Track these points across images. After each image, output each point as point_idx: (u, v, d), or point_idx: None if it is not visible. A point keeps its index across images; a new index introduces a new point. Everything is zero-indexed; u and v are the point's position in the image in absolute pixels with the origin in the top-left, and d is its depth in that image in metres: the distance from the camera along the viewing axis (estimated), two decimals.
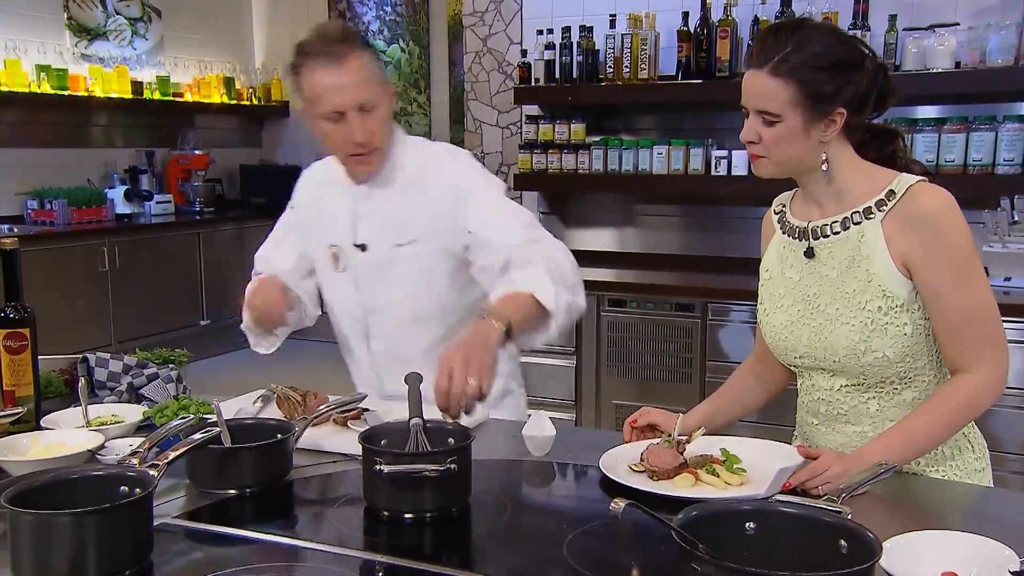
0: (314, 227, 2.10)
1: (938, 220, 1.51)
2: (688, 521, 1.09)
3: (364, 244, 2.02)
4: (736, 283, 3.86)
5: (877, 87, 1.56)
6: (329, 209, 2.06)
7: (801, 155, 1.56)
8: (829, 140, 1.56)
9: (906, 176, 1.57)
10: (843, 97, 1.52)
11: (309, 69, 1.87)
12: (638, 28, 4.01)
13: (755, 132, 1.56)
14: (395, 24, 7.11)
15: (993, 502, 1.57)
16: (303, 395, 1.87)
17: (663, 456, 1.55)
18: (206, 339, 6.18)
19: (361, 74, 1.86)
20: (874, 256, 1.55)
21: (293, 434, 1.63)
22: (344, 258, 2.05)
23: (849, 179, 1.60)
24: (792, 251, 1.69)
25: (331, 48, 1.84)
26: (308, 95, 1.88)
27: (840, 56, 1.52)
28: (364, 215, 2.01)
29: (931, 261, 1.51)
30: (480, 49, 4.59)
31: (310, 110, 1.90)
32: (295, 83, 1.91)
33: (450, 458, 1.40)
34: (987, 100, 3.67)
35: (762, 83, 1.53)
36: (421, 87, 7.09)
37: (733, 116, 4.15)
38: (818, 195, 1.63)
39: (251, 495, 1.55)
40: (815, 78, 1.50)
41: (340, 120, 1.86)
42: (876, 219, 1.56)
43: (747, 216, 4.22)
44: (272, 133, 7.75)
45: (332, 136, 1.90)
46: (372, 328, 2.08)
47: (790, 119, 1.52)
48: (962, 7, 3.69)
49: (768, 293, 1.73)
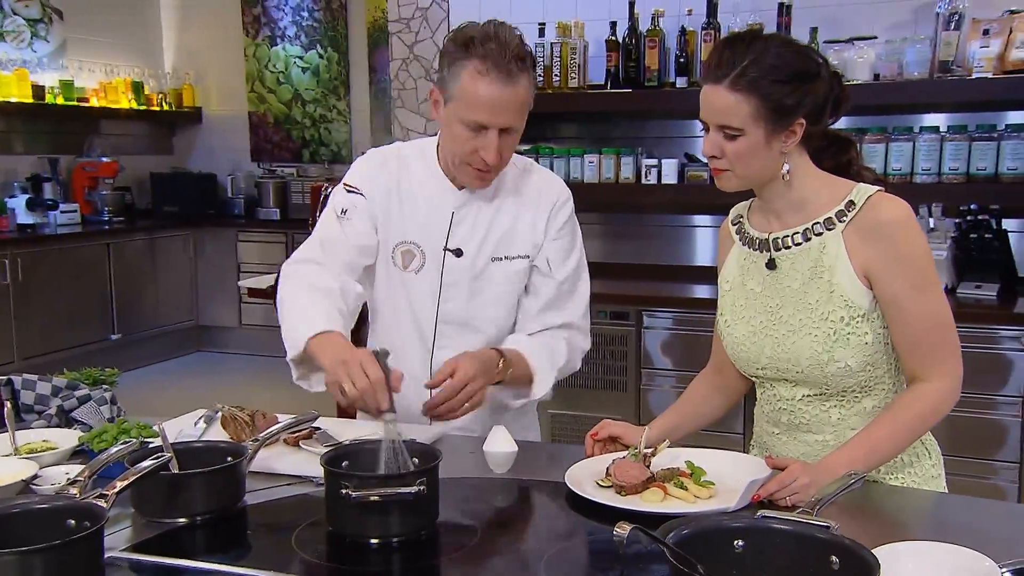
0: (388, 219, 1.95)
1: (898, 231, 1.54)
2: (679, 540, 1.07)
3: (459, 250, 1.93)
4: (669, 291, 3.90)
5: (833, 95, 1.57)
6: (411, 205, 1.94)
7: (764, 167, 1.57)
8: (790, 150, 1.57)
9: (864, 186, 1.59)
10: (804, 108, 1.53)
11: (475, 71, 1.72)
12: (567, 37, 4.02)
13: (718, 147, 1.55)
14: (312, 29, 6.99)
15: (954, 508, 1.59)
16: (251, 415, 1.79)
17: (630, 470, 1.53)
18: (118, 354, 5.94)
19: (522, 99, 1.77)
20: (836, 267, 1.57)
21: (246, 457, 1.55)
22: (422, 259, 1.93)
23: (808, 189, 1.61)
24: (753, 262, 1.69)
25: (507, 63, 1.72)
26: (458, 94, 1.75)
27: (798, 68, 1.53)
28: (460, 220, 1.93)
29: (892, 271, 1.53)
30: (407, 56, 4.53)
31: (453, 106, 1.77)
32: (445, 69, 1.78)
33: (420, 479, 1.35)
34: (905, 111, 3.80)
35: (723, 98, 1.52)
36: (340, 94, 6.98)
37: (662, 125, 4.29)
38: (777, 205, 1.64)
39: (202, 523, 1.47)
40: (776, 92, 1.50)
41: (479, 132, 1.77)
42: (837, 230, 1.57)
43: (677, 224, 4.27)
44: (184, 140, 7.51)
45: (462, 141, 1.79)
46: (443, 338, 1.96)
47: (752, 133, 1.52)
48: (879, 21, 3.81)
49: (729, 304, 1.73)
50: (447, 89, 1.78)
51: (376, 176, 1.95)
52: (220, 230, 6.85)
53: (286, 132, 7.20)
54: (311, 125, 7.11)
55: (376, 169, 1.96)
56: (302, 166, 7.11)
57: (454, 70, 1.75)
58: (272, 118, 7.22)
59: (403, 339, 1.97)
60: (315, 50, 7.00)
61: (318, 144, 7.11)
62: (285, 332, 1.77)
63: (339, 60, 6.94)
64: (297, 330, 1.72)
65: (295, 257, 1.93)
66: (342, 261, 1.88)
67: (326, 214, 1.96)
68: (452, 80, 1.76)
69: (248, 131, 7.30)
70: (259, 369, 6.49)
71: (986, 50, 3.51)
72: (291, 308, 1.79)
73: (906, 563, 1.16)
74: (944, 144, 3.55)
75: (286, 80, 7.13)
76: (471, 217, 1.92)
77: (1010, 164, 3.48)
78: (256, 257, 6.71)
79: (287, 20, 7.06)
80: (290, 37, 7.08)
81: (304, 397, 1.99)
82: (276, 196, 6.88)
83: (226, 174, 7.22)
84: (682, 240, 4.30)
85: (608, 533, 1.37)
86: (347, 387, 1.53)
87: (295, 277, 1.87)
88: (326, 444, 1.75)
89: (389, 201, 1.94)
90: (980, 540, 1.22)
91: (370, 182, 1.94)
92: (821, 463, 1.52)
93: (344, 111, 6.99)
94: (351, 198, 1.93)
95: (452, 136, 1.81)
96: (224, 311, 6.89)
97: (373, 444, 1.47)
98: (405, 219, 1.94)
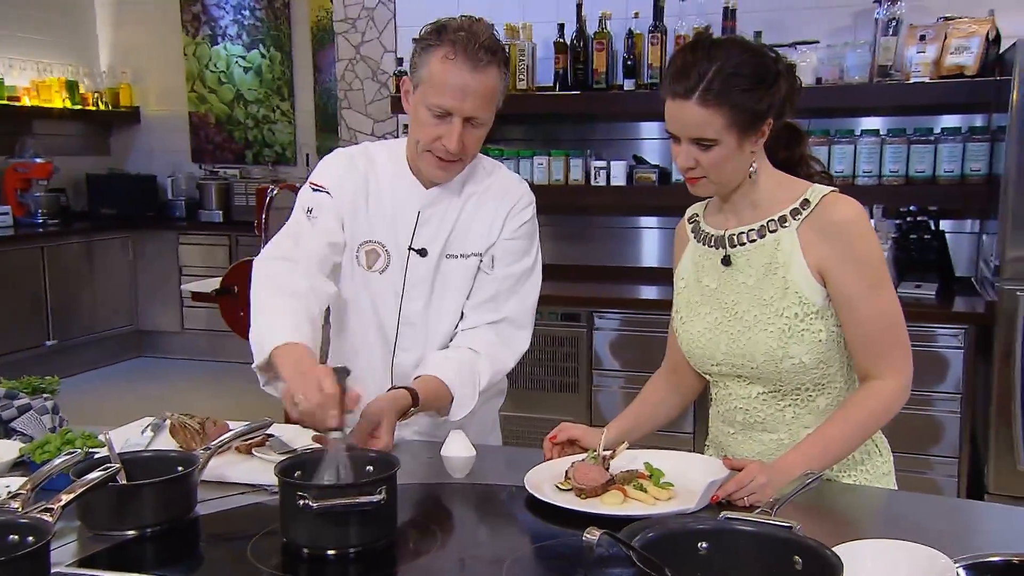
0: (354, 218, 1.92)
1: (852, 230, 1.56)
2: (645, 543, 1.07)
3: (424, 249, 1.91)
4: (619, 292, 3.92)
5: (788, 87, 1.58)
6: (378, 204, 1.92)
7: (737, 170, 1.59)
8: (758, 149, 1.59)
9: (819, 187, 1.61)
10: (772, 110, 1.55)
11: (444, 56, 1.74)
12: (515, 39, 4.02)
13: (692, 159, 1.56)
14: (255, 29, 6.88)
15: (906, 505, 1.62)
16: (201, 422, 1.75)
17: (589, 473, 1.53)
18: (54, 361, 5.77)
19: (490, 89, 1.77)
20: (790, 263, 1.59)
21: (197, 466, 1.51)
22: (387, 259, 1.91)
23: (767, 186, 1.62)
24: (708, 259, 1.70)
25: (477, 51, 1.73)
26: (426, 77, 1.76)
27: (760, 73, 1.53)
28: (426, 220, 1.91)
29: (846, 270, 1.56)
30: (353, 57, 4.48)
31: (421, 91, 1.77)
32: (416, 57, 1.78)
33: (380, 488, 1.33)
34: (846, 114, 3.88)
35: (693, 114, 1.52)
36: (284, 94, 6.88)
37: (610, 127, 4.32)
38: (739, 204, 1.65)
39: (153, 535, 1.42)
40: (745, 100, 1.51)
41: (443, 118, 1.77)
42: (792, 227, 1.59)
43: (626, 226, 4.30)
44: (122, 140, 7.33)
45: (426, 127, 1.79)
46: (404, 340, 1.94)
47: (726, 142, 1.54)
48: (821, 26, 3.88)
49: (684, 302, 1.74)
50: (416, 75, 1.79)
51: (343, 174, 1.93)
52: (160, 233, 6.70)
53: (228, 133, 7.07)
54: (254, 126, 7.00)
55: (343, 167, 1.94)
56: (245, 167, 6.99)
57: (424, 56, 1.77)
58: (213, 118, 7.09)
59: (365, 340, 1.95)
60: (257, 49, 6.89)
61: (261, 145, 7.00)
62: (253, 337, 1.73)
63: (282, 60, 6.84)
64: (263, 338, 1.68)
65: (267, 254, 1.89)
66: (313, 258, 1.85)
67: (294, 213, 1.94)
68: (421, 66, 1.77)
69: (188, 132, 7.15)
70: (203, 374, 6.37)
71: (923, 55, 3.60)
72: (260, 314, 1.76)
73: (865, 561, 1.17)
74: (884, 147, 3.64)
75: (228, 80, 7.01)
76: (437, 217, 1.91)
77: (947, 167, 3.57)
78: (198, 260, 6.58)
79: (228, 19, 6.94)
80: (231, 36, 6.96)
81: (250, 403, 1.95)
82: (219, 198, 6.75)
83: (166, 175, 7.06)
84: (630, 241, 4.33)
85: (570, 536, 1.38)
86: (299, 400, 1.49)
87: (268, 276, 1.83)
88: (280, 451, 1.72)
89: (356, 199, 1.92)
90: (933, 536, 1.24)
91: (337, 180, 1.92)
92: (777, 463, 1.54)
93: (288, 112, 6.89)
94: (317, 197, 1.91)
95: (417, 122, 1.80)
96: (166, 315, 6.74)
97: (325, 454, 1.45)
98: (371, 218, 1.92)
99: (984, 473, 3.21)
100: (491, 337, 1.90)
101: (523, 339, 1.96)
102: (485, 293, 1.92)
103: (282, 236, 1.91)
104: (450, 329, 1.94)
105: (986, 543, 1.29)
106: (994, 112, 3.64)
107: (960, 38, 3.54)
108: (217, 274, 4.86)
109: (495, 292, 1.92)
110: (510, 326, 1.93)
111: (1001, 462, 3.14)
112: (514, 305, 1.94)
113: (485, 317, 1.91)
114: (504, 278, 1.93)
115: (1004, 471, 3.14)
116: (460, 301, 1.93)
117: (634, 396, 1.88)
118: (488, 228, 1.93)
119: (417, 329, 1.93)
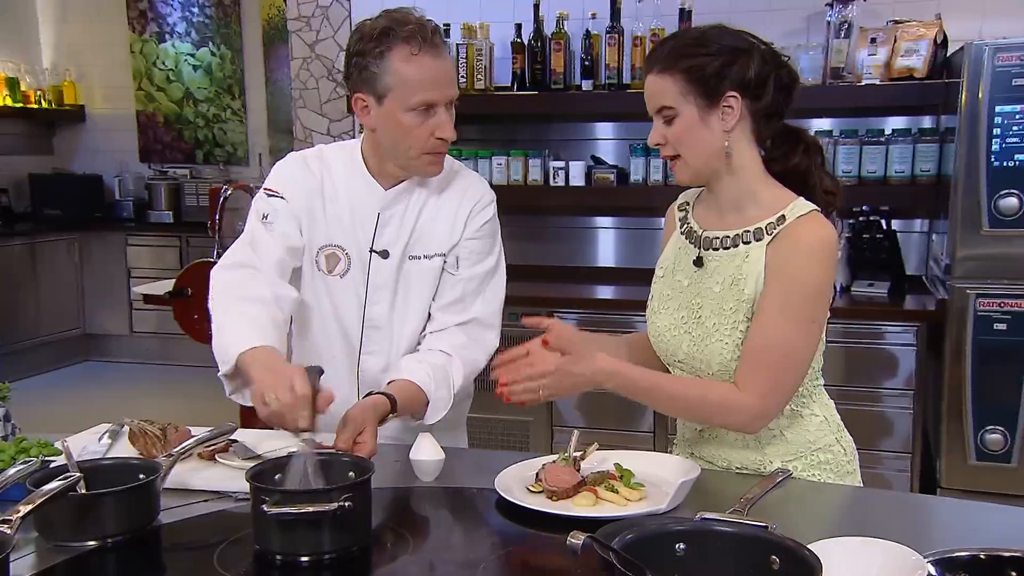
0: (311, 222, 1.88)
1: (805, 251, 1.54)
2: (623, 546, 1.07)
3: (386, 251, 1.88)
4: (579, 292, 3.93)
5: (774, 73, 1.56)
6: (335, 207, 1.88)
7: (708, 146, 1.56)
8: (732, 129, 1.56)
9: (801, 203, 1.58)
10: (730, 78, 1.53)
11: (407, 55, 1.71)
12: (472, 38, 4.00)
13: (660, 135, 1.58)
14: (204, 26, 6.76)
15: (870, 501, 1.64)
16: (162, 428, 1.70)
17: (561, 475, 1.52)
18: None
19: (453, 69, 1.82)
20: (749, 279, 1.58)
21: (160, 474, 1.47)
22: (347, 263, 1.88)
23: (754, 189, 1.61)
24: (685, 255, 1.70)
25: (432, 37, 1.73)
26: (395, 83, 1.72)
27: (722, 41, 1.54)
28: (387, 221, 1.88)
29: (773, 281, 1.55)
30: (308, 55, 4.42)
31: (392, 99, 1.73)
32: (365, 71, 1.74)
33: (345, 495, 1.30)
34: (800, 116, 3.89)
35: (653, 83, 1.57)
36: (235, 93, 6.77)
37: (568, 128, 4.31)
38: (724, 201, 1.64)
39: (114, 546, 1.39)
40: (696, 62, 1.52)
41: (427, 113, 1.74)
42: (763, 243, 1.58)
43: (583, 226, 4.31)
44: (66, 140, 7.16)
45: (416, 130, 1.75)
46: (369, 343, 1.91)
47: (685, 110, 1.54)
48: (774, 28, 3.92)
49: (659, 291, 1.74)
50: (377, 87, 1.74)
51: (297, 178, 1.89)
52: (108, 234, 6.56)
53: (178, 132, 6.94)
54: (204, 125, 6.88)
55: (297, 171, 1.91)
56: (196, 167, 6.87)
57: (381, 64, 1.73)
58: (162, 118, 6.95)
59: (328, 345, 1.92)
60: (207, 47, 6.78)
61: (212, 145, 6.88)
62: (217, 346, 1.69)
63: (233, 58, 6.74)
64: (229, 345, 1.64)
65: (226, 262, 1.85)
66: (273, 264, 1.82)
67: (250, 220, 1.89)
68: (382, 75, 1.73)
69: (136, 131, 7.01)
70: (153, 378, 6.25)
71: (874, 58, 3.66)
72: (224, 322, 1.71)
73: (838, 559, 1.18)
74: (837, 148, 3.69)
75: (176, 78, 6.88)
76: (397, 218, 1.89)
77: (898, 168, 3.64)
78: (148, 262, 6.45)
79: (176, 16, 6.82)
80: (180, 34, 6.84)
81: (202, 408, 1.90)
82: (168, 198, 6.63)
83: (113, 176, 6.91)
84: (589, 242, 4.34)
85: (543, 539, 1.38)
86: (270, 399, 1.46)
87: (228, 286, 1.79)
88: (244, 457, 1.69)
89: (312, 203, 1.88)
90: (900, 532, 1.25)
91: (291, 184, 1.89)
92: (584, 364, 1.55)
93: (240, 111, 6.79)
94: (272, 202, 1.87)
95: (401, 131, 1.76)
96: (114, 318, 6.59)
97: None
98: (329, 222, 1.89)
99: (936, 468, 3.28)
100: (461, 339, 1.89)
101: (493, 339, 1.95)
102: (452, 294, 1.91)
103: (239, 244, 1.87)
104: (416, 331, 1.92)
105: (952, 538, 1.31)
106: (942, 114, 3.72)
107: (909, 41, 3.61)
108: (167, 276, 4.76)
109: (462, 293, 1.91)
110: (479, 326, 1.92)
111: (953, 457, 3.20)
112: (481, 305, 1.92)
113: (453, 319, 1.90)
114: (470, 279, 1.91)
115: (956, 466, 3.20)
116: (425, 303, 1.91)
117: (596, 397, 1.88)
118: (450, 228, 1.91)
119: (382, 332, 1.91)
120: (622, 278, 4.11)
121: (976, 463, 3.17)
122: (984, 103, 3.06)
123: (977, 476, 3.17)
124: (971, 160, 3.11)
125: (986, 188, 3.09)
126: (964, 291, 3.15)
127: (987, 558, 1.18)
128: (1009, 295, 3.11)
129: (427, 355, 1.87)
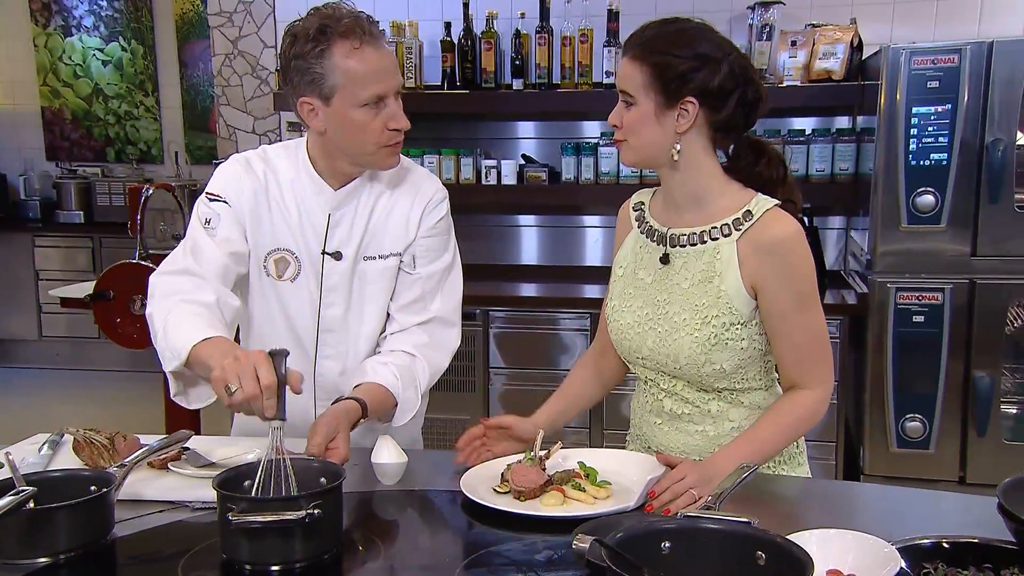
0: (257, 226, 1.83)
1: (789, 248, 1.59)
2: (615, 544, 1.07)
3: (339, 252, 1.83)
4: (514, 290, 3.93)
5: (739, 89, 1.57)
6: (282, 210, 1.83)
7: (654, 141, 1.59)
8: (684, 132, 1.58)
9: (763, 198, 1.62)
10: (693, 84, 1.54)
11: (348, 50, 1.68)
12: (401, 36, 3.97)
13: (619, 116, 1.62)
14: (112, 20, 6.53)
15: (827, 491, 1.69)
16: (110, 437, 1.64)
17: (528, 475, 1.52)
18: None
19: (395, 58, 1.81)
20: (726, 274, 1.61)
21: (114, 485, 1.42)
22: (297, 267, 1.83)
23: (703, 185, 1.63)
24: (648, 253, 1.72)
25: (371, 28, 1.72)
26: (341, 80, 1.68)
27: (695, 45, 1.55)
28: (338, 221, 1.83)
29: (780, 286, 1.59)
30: (231, 52, 4.32)
31: (341, 98, 1.70)
32: (307, 74, 1.69)
33: (314, 503, 1.27)
34: None
35: (624, 67, 1.60)
36: (148, 89, 6.55)
37: (499, 126, 4.32)
38: (676, 196, 1.67)
39: (67, 562, 1.33)
40: (664, 60, 1.54)
41: (378, 107, 1.72)
42: (732, 238, 1.61)
43: (517, 224, 4.32)
44: None
45: (370, 125, 1.72)
46: (325, 347, 1.87)
47: (643, 103, 1.57)
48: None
49: (619, 290, 1.76)
50: (323, 88, 1.71)
51: (240, 181, 1.84)
52: (13, 235, 6.26)
53: (86, 129, 6.68)
54: (115, 122, 6.63)
55: (240, 174, 1.85)
56: (107, 166, 6.62)
57: (324, 64, 1.69)
58: (69, 114, 6.68)
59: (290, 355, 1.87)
60: (117, 42, 6.54)
61: (124, 143, 6.64)
62: (162, 344, 1.62)
63: (145, 54, 6.52)
64: (178, 341, 1.58)
65: (165, 268, 1.78)
66: (215, 271, 1.75)
67: (191, 226, 1.83)
68: (328, 74, 1.69)
69: (42, 128, 6.72)
70: (64, 384, 6.00)
71: (794, 60, 3.77)
72: (169, 321, 1.64)
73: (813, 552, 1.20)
74: None
75: (84, 74, 6.62)
76: (348, 218, 1.85)
77: (818, 166, 3.76)
78: (57, 264, 6.19)
79: (82, 9, 6.56)
80: (87, 28, 6.58)
81: (118, 412, 1.84)
82: (79, 198, 6.36)
83: (17, 174, 6.61)
84: (520, 240, 4.35)
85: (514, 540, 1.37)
86: (234, 388, 1.40)
87: (170, 292, 1.72)
88: (197, 465, 1.64)
89: (257, 206, 1.84)
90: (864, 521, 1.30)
91: (234, 188, 1.83)
92: (708, 463, 1.56)
93: (153, 108, 6.57)
94: (215, 207, 1.81)
95: (354, 128, 1.73)
96: (21, 323, 6.31)
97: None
98: (276, 225, 1.84)
99: (860, 456, 3.40)
100: (423, 338, 1.87)
101: (454, 336, 1.94)
102: (411, 294, 1.89)
103: (180, 250, 1.81)
104: (374, 333, 1.89)
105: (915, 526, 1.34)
106: (858, 115, 3.85)
107: (827, 44, 3.73)
108: (79, 278, 4.58)
109: (421, 292, 1.89)
110: (440, 324, 1.91)
111: (875, 445, 3.33)
112: (441, 303, 1.91)
113: (414, 318, 1.88)
114: (428, 277, 1.90)
115: (878, 453, 3.33)
116: (382, 303, 1.89)
117: (530, 393, 1.89)
118: (404, 227, 1.89)
119: (338, 335, 1.87)
120: (552, 277, 4.15)
121: (897, 450, 3.30)
122: (902, 104, 3.18)
123: (898, 463, 3.30)
124: (890, 159, 3.22)
125: (904, 186, 3.22)
126: (885, 285, 3.27)
127: (950, 546, 1.23)
128: (926, 288, 3.24)
129: (391, 356, 1.84)
